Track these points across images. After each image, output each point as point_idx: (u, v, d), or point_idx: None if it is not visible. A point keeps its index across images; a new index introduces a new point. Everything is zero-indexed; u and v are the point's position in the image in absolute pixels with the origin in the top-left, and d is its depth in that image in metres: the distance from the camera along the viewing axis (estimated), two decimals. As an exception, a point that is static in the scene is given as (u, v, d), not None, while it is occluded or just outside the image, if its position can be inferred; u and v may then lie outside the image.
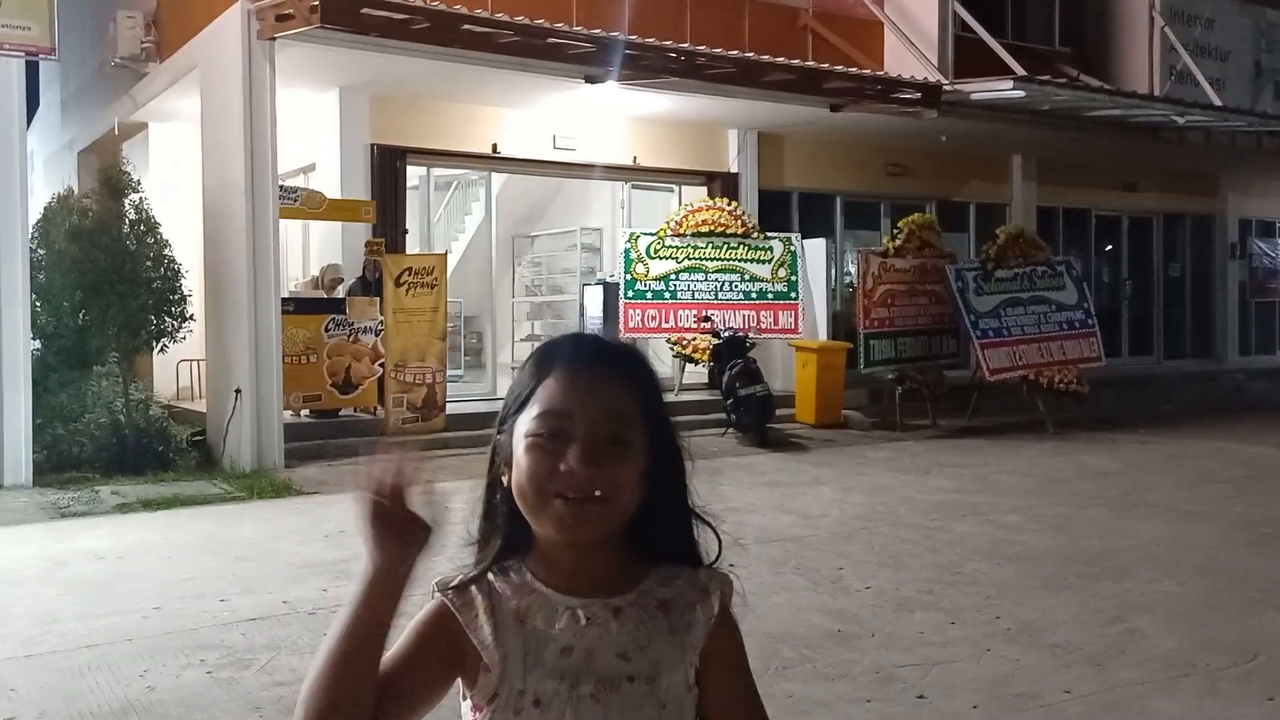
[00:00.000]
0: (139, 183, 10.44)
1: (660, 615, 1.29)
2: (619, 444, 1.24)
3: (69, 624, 5.13)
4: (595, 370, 1.29)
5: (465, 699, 1.30)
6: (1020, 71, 12.91)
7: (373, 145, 11.74)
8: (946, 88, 12.92)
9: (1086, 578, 5.93)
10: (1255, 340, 20.52)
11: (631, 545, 1.31)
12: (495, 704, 1.25)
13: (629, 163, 13.46)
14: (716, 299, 12.88)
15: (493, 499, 1.32)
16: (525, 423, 1.26)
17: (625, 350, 1.35)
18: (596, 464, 1.22)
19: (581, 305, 14.46)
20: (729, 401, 11.40)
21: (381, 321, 10.80)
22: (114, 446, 9.41)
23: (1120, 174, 17.98)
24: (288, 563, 6.30)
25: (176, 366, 12.83)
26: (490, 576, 1.30)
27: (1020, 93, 12.77)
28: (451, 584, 1.30)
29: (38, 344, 9.97)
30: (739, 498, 8.27)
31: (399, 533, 1.21)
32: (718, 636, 1.31)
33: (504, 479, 1.29)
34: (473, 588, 1.29)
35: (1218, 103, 15.12)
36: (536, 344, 1.42)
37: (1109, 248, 18.78)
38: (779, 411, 11.76)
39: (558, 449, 1.23)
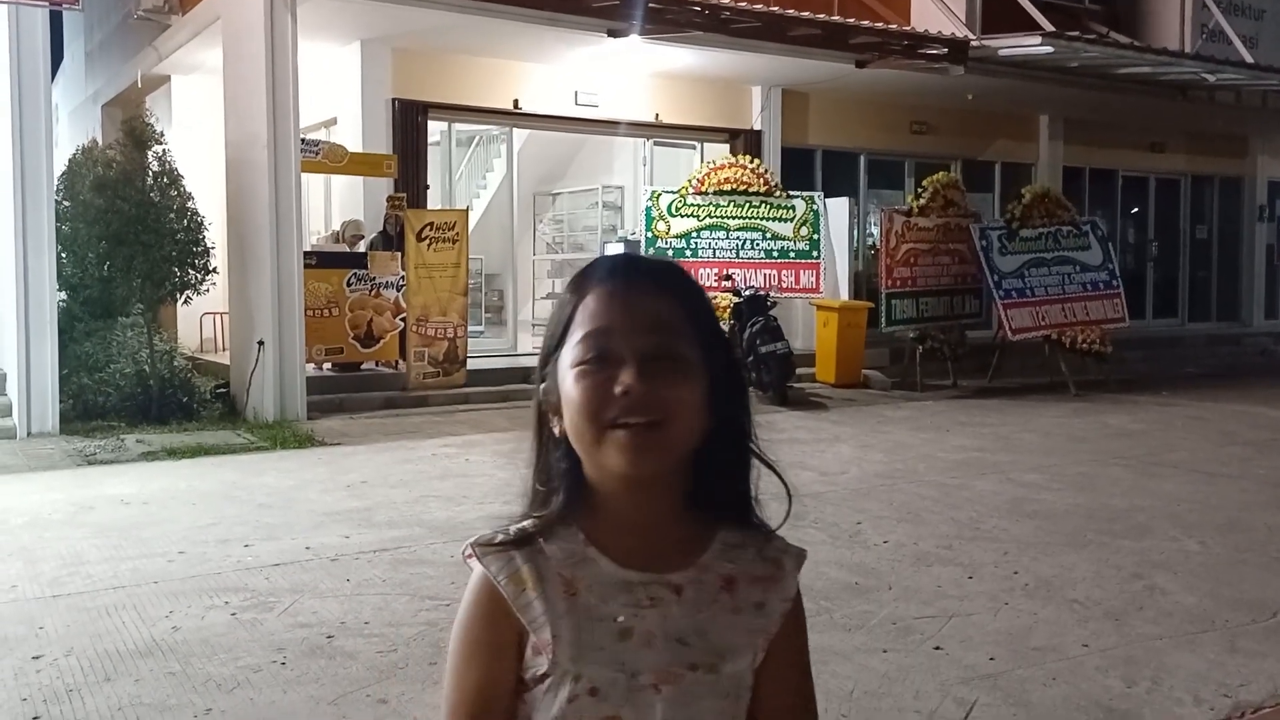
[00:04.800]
0: (162, 134, 10.45)
1: (724, 594, 1.16)
2: (672, 359, 1.10)
3: (95, 566, 5.21)
4: (633, 280, 1.14)
5: None
6: (1049, 27, 12.71)
7: (394, 99, 11.70)
8: (974, 43, 12.75)
9: (1107, 535, 5.92)
10: (1282, 304, 20.34)
11: (690, 503, 1.17)
12: (544, 685, 1.12)
13: (651, 119, 13.38)
14: (738, 257, 12.83)
15: (548, 456, 1.17)
16: (569, 353, 1.12)
17: (664, 262, 1.19)
18: (651, 380, 1.08)
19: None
20: (749, 359, 11.38)
21: (403, 276, 10.82)
22: (139, 396, 9.51)
23: (1148, 134, 17.75)
24: (310, 511, 6.37)
25: (200, 319, 12.93)
26: (540, 540, 1.15)
27: (1048, 49, 12.58)
28: (493, 545, 1.15)
29: (63, 295, 10.06)
30: (758, 454, 8.28)
31: None
32: (789, 625, 1.18)
33: (556, 428, 1.15)
34: (517, 554, 1.14)
35: (1250, 61, 14.85)
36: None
37: (1135, 209, 18.57)
38: (799, 371, 11.72)
39: (609, 371, 1.09)
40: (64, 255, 9.65)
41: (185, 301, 10.54)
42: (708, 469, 1.16)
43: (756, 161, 13.20)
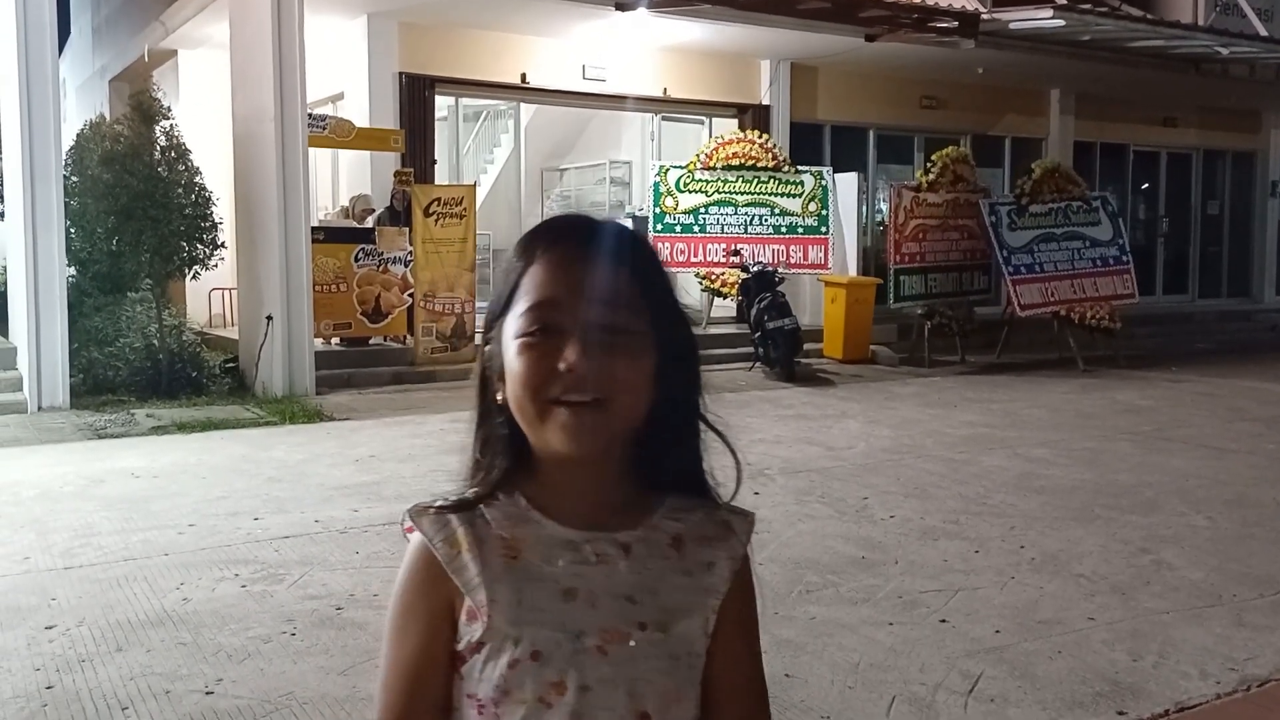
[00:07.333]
0: (170, 109, 10.44)
1: (673, 552, 1.12)
2: (619, 333, 1.06)
3: (106, 538, 5.24)
4: (585, 249, 1.09)
5: None
6: (1061, 0, 12.61)
7: (401, 74, 11.67)
8: (985, 16, 12.65)
9: (1114, 510, 5.92)
10: (1292, 280, 20.23)
11: (638, 472, 1.14)
12: (482, 653, 1.07)
13: (659, 94, 13.32)
14: (746, 233, 12.80)
15: (490, 421, 1.15)
16: (513, 322, 1.08)
17: (619, 227, 1.13)
18: (596, 357, 1.04)
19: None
20: (757, 335, 11.38)
21: (411, 252, 10.81)
22: (148, 371, 9.55)
23: (1160, 108, 17.63)
24: (319, 484, 6.39)
25: (209, 295, 12.95)
26: (479, 506, 1.13)
27: (1060, 22, 12.49)
28: (430, 510, 1.13)
29: (72, 270, 10.08)
30: (766, 430, 8.30)
31: None
32: (737, 588, 1.14)
33: (499, 395, 1.11)
34: (453, 518, 1.12)
35: (1264, 34, 14.73)
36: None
37: (1146, 184, 18.46)
38: (806, 347, 11.72)
39: (553, 345, 1.05)
40: (73, 230, 9.66)
41: (194, 276, 10.55)
42: (656, 440, 1.12)
43: (765, 136, 13.15)
